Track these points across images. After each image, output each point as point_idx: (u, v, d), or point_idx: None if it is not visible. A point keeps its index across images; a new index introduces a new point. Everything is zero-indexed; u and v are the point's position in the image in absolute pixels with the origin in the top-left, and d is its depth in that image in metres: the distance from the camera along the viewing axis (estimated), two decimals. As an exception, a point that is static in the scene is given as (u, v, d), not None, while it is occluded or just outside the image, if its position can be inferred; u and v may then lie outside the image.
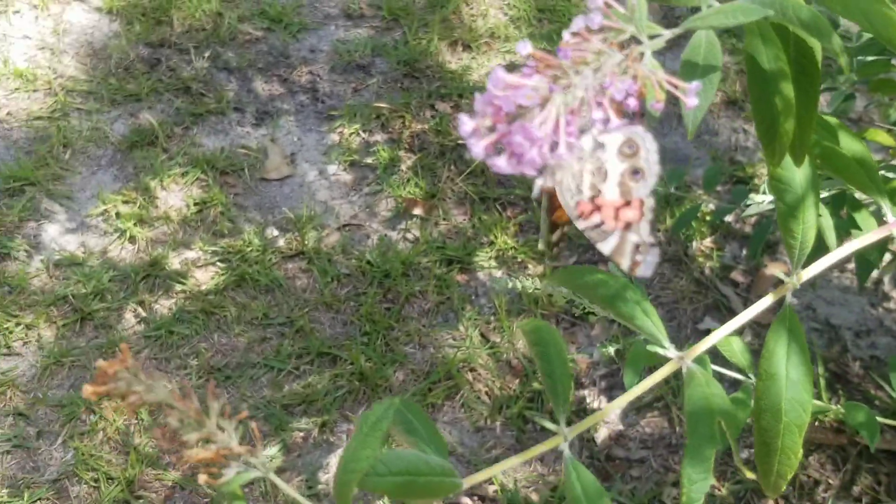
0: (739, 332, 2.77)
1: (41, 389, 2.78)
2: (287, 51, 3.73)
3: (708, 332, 2.13)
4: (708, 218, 3.12)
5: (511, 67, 0.86)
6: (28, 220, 3.15)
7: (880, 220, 1.95)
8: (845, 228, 2.11)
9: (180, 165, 3.32)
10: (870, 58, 2.11)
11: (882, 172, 2.12)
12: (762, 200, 2.65)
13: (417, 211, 3.22)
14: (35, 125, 3.42)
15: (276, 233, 3.16)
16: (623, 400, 1.19)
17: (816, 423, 2.67)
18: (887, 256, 2.73)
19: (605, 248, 0.98)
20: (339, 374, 2.83)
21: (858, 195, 2.14)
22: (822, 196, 2.18)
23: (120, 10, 3.81)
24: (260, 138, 3.44)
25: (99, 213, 3.18)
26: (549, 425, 1.08)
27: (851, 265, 3.01)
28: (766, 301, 1.22)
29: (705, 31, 0.97)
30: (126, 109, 3.50)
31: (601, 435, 2.74)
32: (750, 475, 1.27)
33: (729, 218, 3.13)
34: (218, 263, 3.07)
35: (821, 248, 1.31)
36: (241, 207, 3.23)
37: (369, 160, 3.37)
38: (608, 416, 1.10)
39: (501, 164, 0.87)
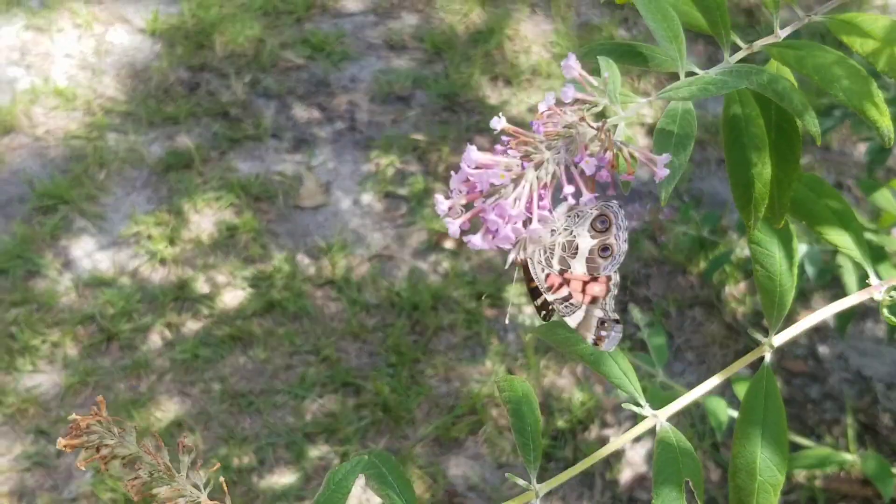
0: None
1: (64, 408, 2.78)
2: (327, 79, 3.74)
3: (735, 377, 2.11)
4: (741, 263, 3.08)
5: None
6: (60, 238, 3.16)
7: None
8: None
9: (214, 189, 3.32)
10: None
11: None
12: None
13: (449, 244, 3.20)
14: (72, 144, 3.43)
15: (306, 260, 3.15)
16: (592, 459, 1.18)
17: (842, 474, 2.64)
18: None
19: (572, 321, 1.00)
20: (362, 404, 2.82)
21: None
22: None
23: (163, 33, 3.83)
24: (296, 165, 3.44)
25: (131, 234, 3.18)
26: (520, 482, 1.08)
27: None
28: (743, 362, 1.21)
29: (681, 101, 0.97)
30: (163, 132, 3.51)
31: (625, 476, 2.71)
32: None
33: (763, 263, 3.09)
34: (247, 289, 3.07)
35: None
36: (273, 234, 3.23)
37: (403, 191, 3.36)
38: (576, 473, 1.10)
39: (477, 241, 0.88)
